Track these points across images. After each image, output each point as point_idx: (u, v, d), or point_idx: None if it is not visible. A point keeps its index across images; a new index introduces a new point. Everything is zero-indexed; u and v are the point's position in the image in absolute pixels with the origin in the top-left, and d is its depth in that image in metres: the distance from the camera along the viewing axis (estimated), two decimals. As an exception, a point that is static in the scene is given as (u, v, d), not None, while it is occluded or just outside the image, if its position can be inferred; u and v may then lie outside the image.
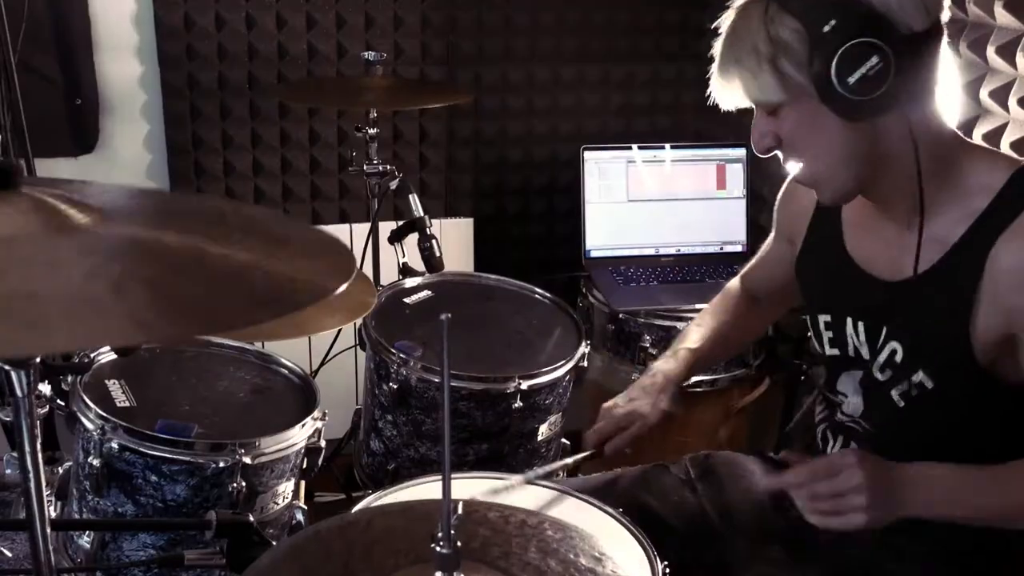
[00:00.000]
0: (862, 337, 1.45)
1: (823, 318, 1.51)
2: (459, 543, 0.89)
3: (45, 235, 0.88)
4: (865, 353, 1.45)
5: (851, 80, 1.22)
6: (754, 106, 1.35)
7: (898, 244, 1.38)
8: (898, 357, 1.39)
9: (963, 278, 1.30)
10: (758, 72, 1.28)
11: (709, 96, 1.39)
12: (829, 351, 1.51)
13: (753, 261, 1.80)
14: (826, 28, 1.21)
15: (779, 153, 1.37)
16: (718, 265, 2.73)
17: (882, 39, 1.22)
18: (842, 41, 1.21)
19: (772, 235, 1.72)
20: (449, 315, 0.87)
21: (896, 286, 1.39)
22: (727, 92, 1.35)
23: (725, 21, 1.34)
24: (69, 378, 1.71)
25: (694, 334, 1.78)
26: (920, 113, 1.30)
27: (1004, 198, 1.29)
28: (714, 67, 1.35)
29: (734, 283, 1.84)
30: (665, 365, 1.73)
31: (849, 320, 1.46)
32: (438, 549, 0.89)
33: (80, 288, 0.81)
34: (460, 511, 0.89)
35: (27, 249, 0.85)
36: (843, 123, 1.27)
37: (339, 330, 2.45)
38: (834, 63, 1.22)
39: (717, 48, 1.35)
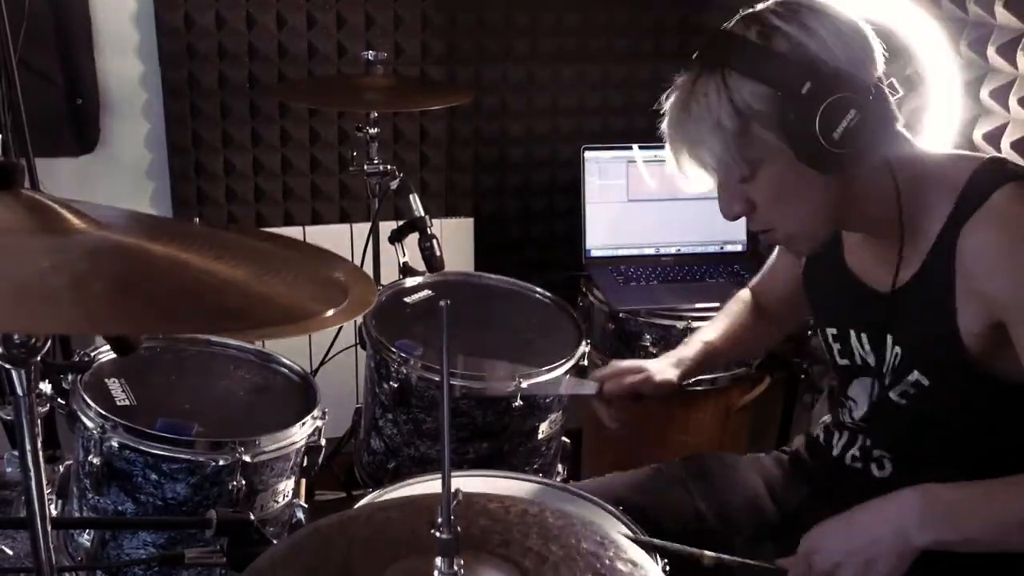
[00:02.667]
0: (867, 347, 1.47)
1: (830, 331, 1.54)
2: (459, 528, 0.89)
3: (34, 232, 0.89)
4: (872, 361, 1.47)
5: (835, 135, 1.24)
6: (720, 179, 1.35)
7: (890, 256, 1.40)
8: (898, 360, 1.42)
9: (941, 275, 1.32)
10: (728, 146, 1.28)
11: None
12: (840, 362, 1.54)
13: (760, 273, 1.81)
14: (802, 90, 1.23)
15: (749, 218, 1.38)
16: (718, 265, 2.73)
17: (855, 92, 1.24)
18: (821, 99, 1.23)
19: (778, 248, 1.73)
20: (448, 302, 0.88)
21: (891, 296, 1.41)
22: (693, 176, 1.35)
23: (672, 103, 1.33)
24: (69, 377, 1.71)
25: (708, 330, 1.80)
26: (895, 145, 1.33)
27: (966, 194, 1.31)
28: (670, 155, 1.35)
29: (745, 292, 1.85)
30: (679, 350, 1.75)
31: (852, 332, 1.49)
32: (438, 535, 0.89)
33: (39, 276, 0.83)
34: (460, 498, 0.90)
35: (8, 240, 0.86)
36: (822, 177, 1.29)
37: (339, 329, 2.45)
38: (817, 121, 1.23)
39: (670, 134, 1.34)
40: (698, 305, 2.50)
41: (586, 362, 2.04)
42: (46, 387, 1.65)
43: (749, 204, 1.36)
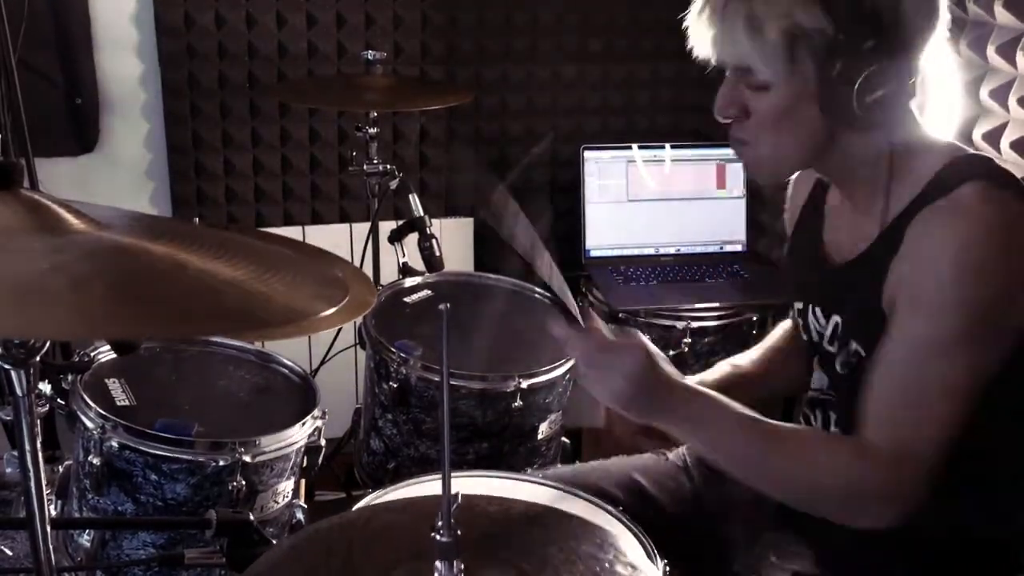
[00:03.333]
0: (821, 321, 1.45)
1: (797, 306, 1.53)
2: (459, 532, 0.89)
3: (33, 232, 0.89)
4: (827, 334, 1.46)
5: (868, 99, 1.21)
6: (731, 69, 1.30)
7: (858, 229, 1.38)
8: (839, 329, 1.39)
9: (886, 252, 1.29)
10: (768, 45, 1.22)
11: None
12: (804, 336, 1.52)
13: None
14: (862, 44, 1.19)
15: (734, 124, 1.33)
16: (718, 265, 2.74)
17: (906, 63, 1.21)
18: (873, 61, 1.19)
19: None
20: (448, 305, 0.88)
21: (842, 267, 1.39)
22: (716, 39, 1.27)
23: None
24: (69, 377, 1.71)
25: (741, 355, 1.70)
26: (905, 121, 1.30)
27: (935, 181, 1.27)
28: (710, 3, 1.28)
29: (788, 320, 1.73)
30: (704, 374, 1.63)
31: (811, 307, 1.47)
32: (438, 538, 0.89)
33: (39, 277, 0.83)
34: (460, 500, 0.90)
35: (8, 240, 0.86)
36: (826, 123, 1.26)
37: (339, 329, 2.45)
38: (859, 81, 1.20)
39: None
40: (698, 305, 2.50)
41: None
42: (46, 387, 1.65)
43: (743, 112, 1.31)
